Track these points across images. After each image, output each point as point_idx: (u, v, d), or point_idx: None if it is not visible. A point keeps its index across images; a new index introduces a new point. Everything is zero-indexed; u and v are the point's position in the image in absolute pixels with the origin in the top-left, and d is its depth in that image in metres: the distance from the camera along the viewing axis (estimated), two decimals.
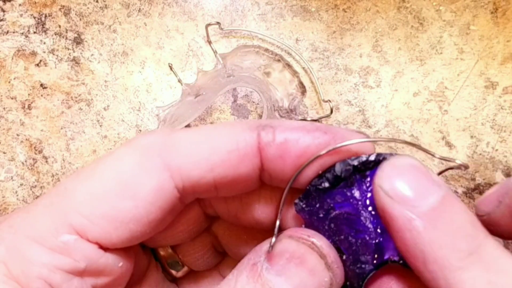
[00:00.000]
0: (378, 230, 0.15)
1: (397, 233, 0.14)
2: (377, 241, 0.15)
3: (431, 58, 0.38)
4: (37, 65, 0.38)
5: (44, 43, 0.38)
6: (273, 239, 0.15)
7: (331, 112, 0.36)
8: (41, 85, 0.38)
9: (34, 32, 0.38)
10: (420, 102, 0.37)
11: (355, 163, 0.16)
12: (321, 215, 0.16)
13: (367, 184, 0.16)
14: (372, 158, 0.16)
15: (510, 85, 0.37)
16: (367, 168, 0.16)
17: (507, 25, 0.38)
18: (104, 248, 0.17)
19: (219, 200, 0.19)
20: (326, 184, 0.16)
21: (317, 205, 0.16)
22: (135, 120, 0.37)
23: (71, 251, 0.16)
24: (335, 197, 0.16)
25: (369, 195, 0.16)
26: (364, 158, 0.16)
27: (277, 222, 0.16)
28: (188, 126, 0.37)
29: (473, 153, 0.36)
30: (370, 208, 0.16)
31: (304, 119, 0.37)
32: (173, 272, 0.22)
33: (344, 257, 0.16)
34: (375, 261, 0.15)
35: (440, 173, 0.18)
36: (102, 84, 0.38)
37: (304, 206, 0.17)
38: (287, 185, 0.16)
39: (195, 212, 0.20)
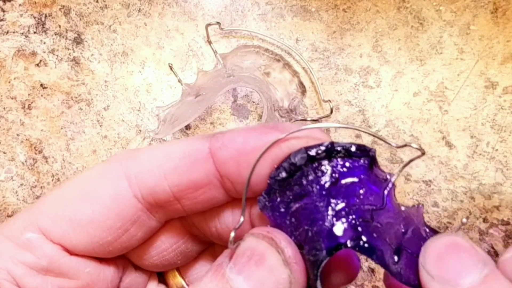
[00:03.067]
0: (332, 216, 0.15)
1: None
2: (330, 226, 0.15)
3: (431, 58, 0.38)
4: (37, 65, 0.38)
5: (44, 43, 0.38)
6: (232, 234, 0.16)
7: (331, 112, 0.36)
8: (41, 85, 0.38)
9: (34, 32, 0.38)
10: (420, 102, 0.37)
11: (311, 149, 0.16)
12: (283, 210, 0.17)
13: (323, 171, 0.16)
14: (326, 145, 0.16)
15: (510, 85, 0.37)
16: (323, 157, 0.16)
17: (507, 25, 0.38)
18: (70, 252, 0.18)
19: (198, 218, 0.20)
20: (284, 174, 0.16)
21: (278, 199, 0.17)
22: (135, 120, 0.37)
23: (34, 248, 0.17)
24: (293, 188, 0.16)
25: (325, 184, 0.16)
26: (318, 146, 0.16)
27: (241, 219, 0.17)
28: (188, 126, 0.38)
29: (473, 153, 0.36)
30: (325, 195, 0.16)
31: (304, 119, 0.37)
32: None
33: (304, 251, 0.16)
34: (327, 246, 0.15)
35: (403, 167, 0.18)
36: (102, 84, 0.38)
37: (266, 202, 0.17)
38: (247, 179, 0.16)
39: (176, 229, 0.20)
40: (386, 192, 0.16)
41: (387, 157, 0.37)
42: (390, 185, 0.17)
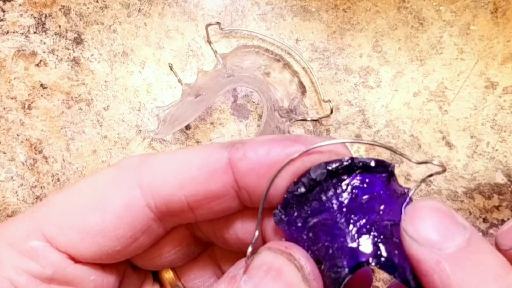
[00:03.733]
0: (354, 233, 0.15)
1: (425, 276, 0.14)
2: (352, 243, 0.15)
3: (431, 58, 0.38)
4: (37, 65, 0.38)
5: (44, 43, 0.38)
6: (249, 248, 0.15)
7: (331, 112, 0.36)
8: (41, 85, 0.38)
9: (34, 32, 0.38)
10: (420, 102, 0.37)
11: (332, 165, 0.16)
12: (300, 224, 0.16)
13: (343, 188, 0.16)
14: (347, 161, 0.16)
15: (510, 85, 0.37)
16: (343, 172, 0.16)
17: (507, 25, 0.38)
18: (76, 260, 0.17)
19: (205, 223, 0.19)
20: (302, 189, 0.16)
21: (295, 214, 0.16)
22: (135, 120, 0.37)
23: (38, 257, 0.16)
24: (311, 203, 0.16)
25: (345, 200, 0.16)
26: (338, 162, 0.16)
27: (256, 233, 0.16)
28: (188, 126, 0.38)
29: (473, 153, 0.36)
30: (346, 212, 0.15)
31: (304, 119, 0.37)
32: None
33: (322, 266, 0.16)
34: (350, 264, 0.15)
35: (421, 182, 0.18)
36: (102, 84, 0.38)
37: (282, 216, 0.17)
38: (265, 192, 0.16)
39: (181, 233, 0.20)
40: (404, 206, 0.16)
41: (386, 156, 0.37)
42: (408, 199, 0.17)
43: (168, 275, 0.22)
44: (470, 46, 0.38)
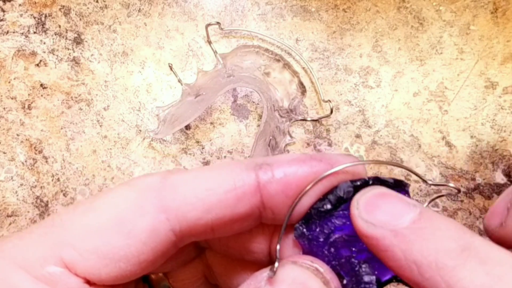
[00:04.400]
0: None
1: (385, 253, 0.14)
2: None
3: (431, 58, 0.38)
4: (37, 65, 0.38)
5: (44, 43, 0.38)
6: (276, 263, 0.15)
7: (331, 112, 0.36)
8: (41, 85, 0.38)
9: (34, 32, 0.38)
10: (420, 102, 0.37)
11: (357, 183, 0.16)
12: (321, 239, 0.16)
13: None
14: (371, 179, 0.16)
15: (510, 85, 0.37)
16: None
17: (507, 25, 0.38)
18: (91, 283, 0.16)
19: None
20: (329, 206, 0.16)
21: (317, 229, 0.17)
22: (135, 120, 0.37)
23: (56, 283, 0.16)
24: (336, 220, 0.16)
25: None
26: (363, 180, 0.16)
27: (278, 246, 0.16)
28: (188, 126, 0.38)
29: (473, 153, 0.36)
30: None
31: (304, 119, 0.37)
32: None
33: (344, 281, 0.16)
34: (379, 279, 0.15)
35: (432, 200, 0.19)
36: (102, 84, 0.38)
37: (304, 230, 0.17)
38: (291, 209, 0.16)
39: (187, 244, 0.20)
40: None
41: (387, 156, 0.37)
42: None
43: (156, 276, 0.22)
44: (470, 46, 0.38)
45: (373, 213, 0.15)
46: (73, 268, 0.16)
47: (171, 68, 0.38)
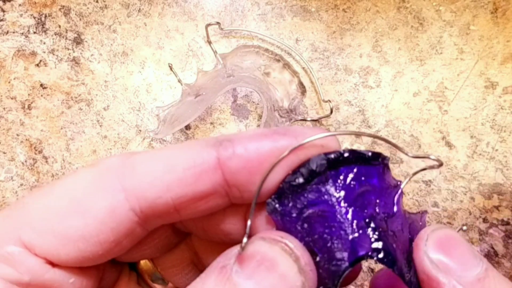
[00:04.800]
0: (354, 226, 0.15)
1: None
2: (353, 236, 0.15)
3: (431, 58, 0.38)
4: (37, 65, 0.38)
5: (44, 43, 0.38)
6: (244, 239, 0.15)
7: (331, 112, 0.36)
8: (41, 85, 0.38)
9: (34, 32, 0.38)
10: (420, 102, 0.37)
11: (331, 156, 0.15)
12: (294, 215, 0.16)
13: (342, 180, 0.16)
14: (346, 152, 0.16)
15: (510, 85, 0.37)
16: (342, 164, 0.16)
17: (507, 25, 0.38)
18: (54, 264, 0.16)
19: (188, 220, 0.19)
20: (301, 180, 0.16)
21: (290, 204, 0.16)
22: (135, 120, 0.37)
23: (15, 263, 0.16)
24: (308, 195, 0.16)
25: (344, 192, 0.16)
26: (338, 153, 0.16)
27: (249, 222, 0.16)
28: (188, 126, 0.38)
29: (473, 153, 0.36)
30: (345, 204, 0.15)
31: (304, 119, 0.37)
32: (157, 286, 0.22)
33: (317, 258, 0.15)
34: (351, 258, 0.15)
35: (414, 174, 0.18)
36: (102, 84, 0.38)
37: (277, 206, 0.16)
38: (258, 188, 0.16)
39: (161, 229, 0.20)
40: (396, 198, 0.16)
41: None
42: (399, 191, 0.17)
43: (145, 265, 0.21)
44: (470, 46, 0.38)
45: (441, 255, 0.15)
46: (32, 248, 0.16)
47: (171, 68, 0.38)
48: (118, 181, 0.16)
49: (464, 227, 0.18)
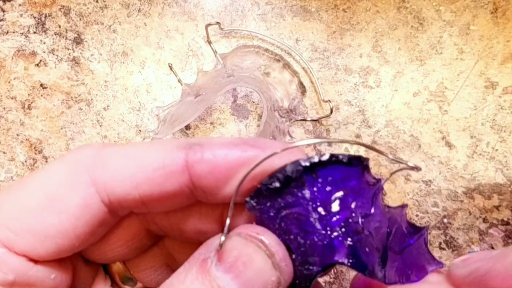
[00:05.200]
0: (328, 232, 0.15)
1: None
2: (325, 242, 0.15)
3: (431, 58, 0.38)
4: (37, 65, 0.38)
5: (44, 43, 0.38)
6: (222, 237, 0.15)
7: (331, 112, 0.36)
8: (41, 85, 0.38)
9: (34, 32, 0.38)
10: (420, 102, 0.37)
11: (306, 164, 0.16)
12: (272, 214, 0.16)
13: (318, 185, 0.16)
14: (325, 158, 0.16)
15: (510, 85, 0.37)
16: (319, 169, 0.16)
17: (507, 25, 0.38)
18: (34, 260, 0.17)
19: (159, 215, 0.19)
20: (277, 184, 0.16)
21: (268, 204, 0.17)
22: (135, 120, 0.37)
23: None
24: (285, 197, 0.16)
25: (319, 197, 0.16)
26: (315, 159, 0.16)
27: (228, 221, 0.16)
28: (188, 126, 0.38)
29: (473, 153, 0.36)
30: (319, 209, 0.16)
31: (304, 119, 0.37)
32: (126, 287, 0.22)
33: (293, 256, 0.16)
34: (322, 264, 0.15)
35: (393, 173, 0.19)
36: (102, 84, 0.38)
37: (255, 204, 0.17)
38: (234, 196, 0.16)
39: (133, 228, 0.20)
40: (374, 197, 0.17)
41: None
42: (375, 190, 0.17)
43: (117, 267, 0.22)
44: (470, 46, 0.38)
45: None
46: (11, 247, 0.16)
47: (171, 68, 0.38)
48: (88, 176, 0.17)
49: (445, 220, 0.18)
